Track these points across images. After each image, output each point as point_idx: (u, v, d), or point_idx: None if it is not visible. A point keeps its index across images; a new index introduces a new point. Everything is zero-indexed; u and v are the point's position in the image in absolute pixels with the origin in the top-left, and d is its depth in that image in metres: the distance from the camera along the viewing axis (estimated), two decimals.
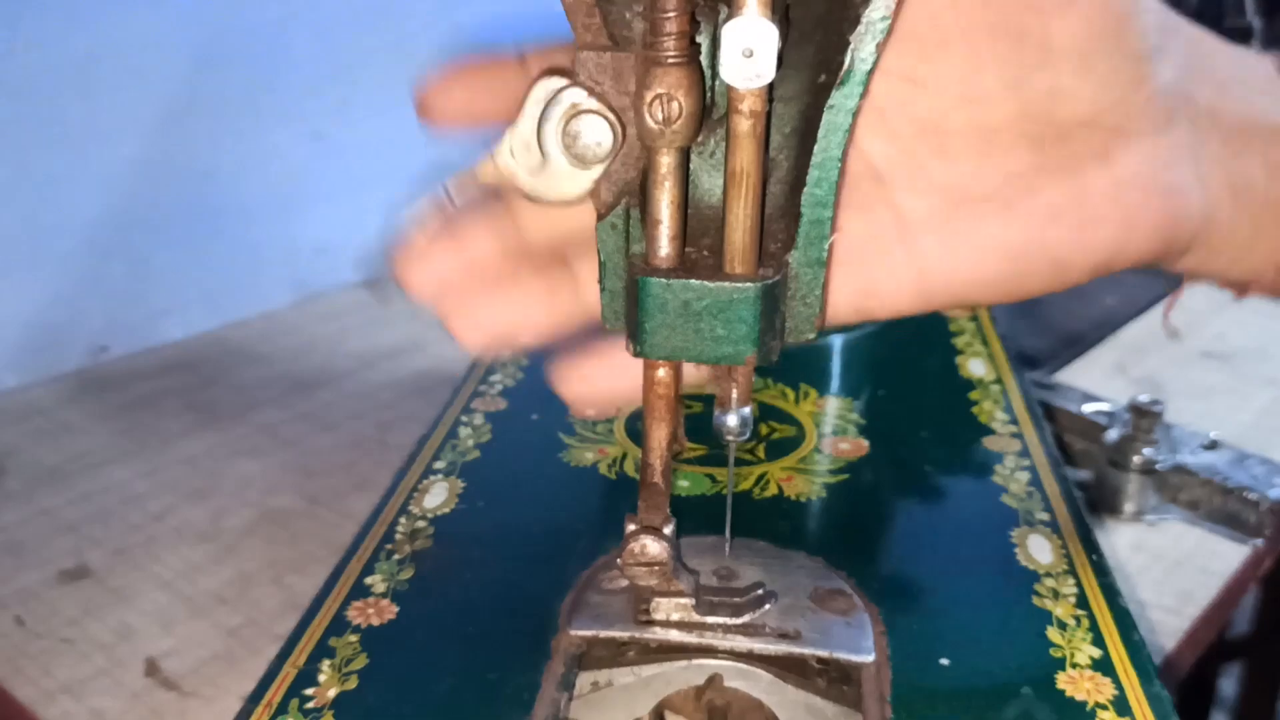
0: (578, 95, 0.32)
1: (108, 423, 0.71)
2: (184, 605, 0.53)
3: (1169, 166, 0.36)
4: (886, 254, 0.36)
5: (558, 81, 0.32)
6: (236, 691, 0.47)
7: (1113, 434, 0.60)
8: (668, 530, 0.35)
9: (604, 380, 0.38)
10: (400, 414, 0.71)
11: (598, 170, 0.32)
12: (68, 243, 0.79)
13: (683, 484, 0.45)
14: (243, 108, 0.86)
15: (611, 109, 0.32)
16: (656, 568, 0.35)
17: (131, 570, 0.56)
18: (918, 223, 0.36)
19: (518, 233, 0.36)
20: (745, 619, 0.36)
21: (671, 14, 0.30)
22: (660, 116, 0.30)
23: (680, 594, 0.36)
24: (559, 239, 0.37)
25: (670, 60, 0.30)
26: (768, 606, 0.37)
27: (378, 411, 0.72)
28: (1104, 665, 0.35)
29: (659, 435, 0.34)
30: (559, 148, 0.32)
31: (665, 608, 0.36)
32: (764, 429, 0.50)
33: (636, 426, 0.50)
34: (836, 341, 0.57)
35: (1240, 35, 0.99)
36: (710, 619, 0.36)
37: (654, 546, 0.35)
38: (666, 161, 0.31)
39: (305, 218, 0.93)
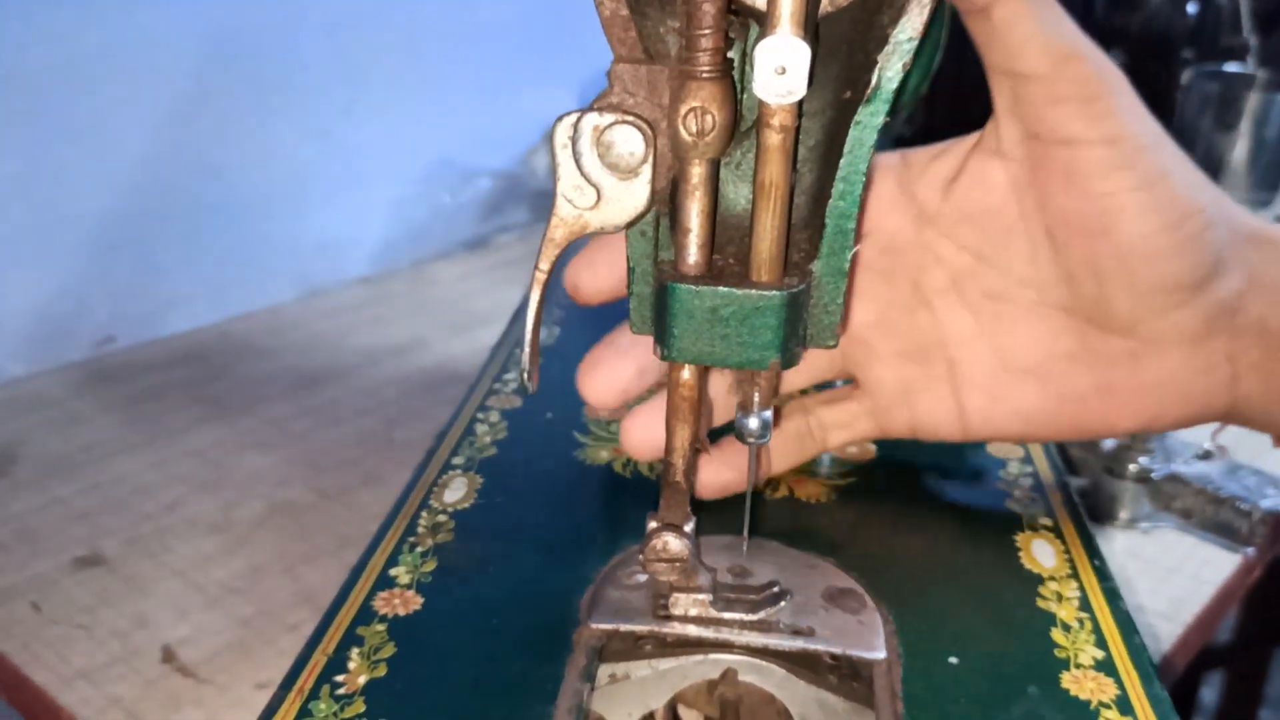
0: (594, 118, 0.32)
1: (116, 414, 0.72)
2: (197, 594, 0.54)
3: (1198, 376, 0.39)
4: (939, 398, 0.42)
5: (570, 118, 0.32)
6: (252, 680, 0.48)
7: (1109, 442, 0.62)
8: (688, 528, 0.36)
9: (626, 380, 0.42)
10: (406, 410, 0.72)
11: (646, 173, 0.33)
12: (76, 235, 0.80)
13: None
14: (251, 105, 0.87)
15: (630, 114, 0.32)
16: (677, 564, 0.36)
17: (144, 559, 0.56)
18: (968, 380, 0.42)
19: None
20: (761, 615, 0.37)
21: (707, 31, 0.31)
22: (694, 129, 0.31)
23: (699, 590, 0.37)
24: None
25: (705, 75, 0.31)
26: (783, 603, 0.38)
27: (384, 407, 0.73)
28: (1107, 666, 0.36)
29: (682, 436, 0.35)
30: (603, 172, 0.33)
31: (684, 603, 0.37)
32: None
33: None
34: None
35: (1236, 53, 1.01)
36: (727, 615, 0.37)
37: (675, 544, 0.36)
38: (698, 172, 0.32)
39: (311, 214, 0.94)
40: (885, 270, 0.42)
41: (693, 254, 0.33)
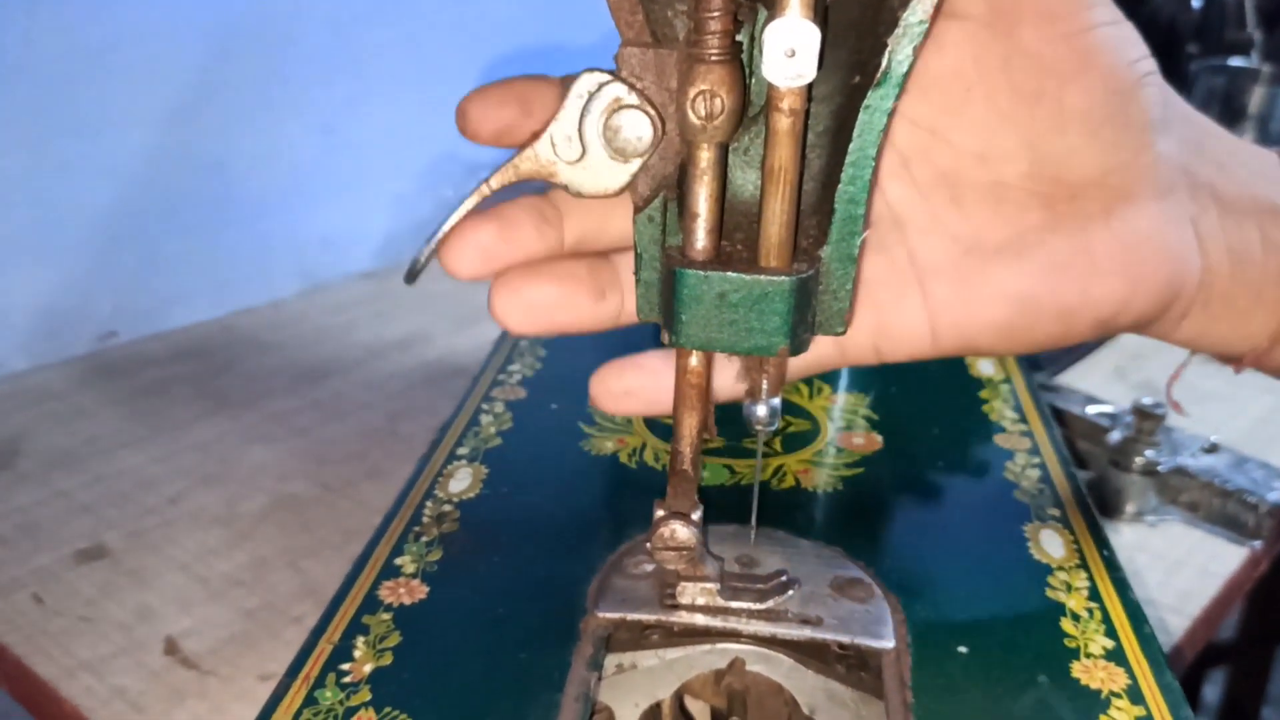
0: (620, 90, 0.32)
1: (119, 407, 0.71)
2: (201, 587, 0.54)
3: (1170, 228, 0.37)
4: (901, 296, 0.38)
5: (600, 76, 0.33)
6: (256, 671, 0.48)
7: (1115, 436, 0.61)
8: (695, 516, 0.36)
9: (644, 389, 0.39)
10: (409, 404, 0.72)
11: (636, 164, 0.33)
12: (79, 229, 0.79)
13: (703, 474, 0.46)
14: (254, 99, 0.87)
15: (652, 105, 0.33)
16: (684, 553, 0.36)
17: (148, 552, 0.56)
18: (931, 267, 0.38)
19: (561, 230, 0.37)
20: (769, 604, 0.37)
21: (716, 13, 0.30)
22: (703, 112, 0.31)
23: (706, 579, 0.37)
24: (605, 245, 0.38)
25: (714, 58, 0.31)
26: (790, 593, 0.38)
27: (387, 401, 0.73)
28: (1117, 656, 0.36)
29: (689, 424, 0.35)
30: (600, 141, 0.33)
31: (691, 592, 0.37)
32: (781, 422, 0.50)
33: (655, 417, 0.51)
34: None
35: (1241, 47, 1.01)
36: (734, 604, 0.37)
37: (683, 532, 0.35)
38: (706, 156, 0.32)
39: (313, 209, 0.94)
40: None
41: (700, 239, 0.32)
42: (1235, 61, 1.00)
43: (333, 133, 0.93)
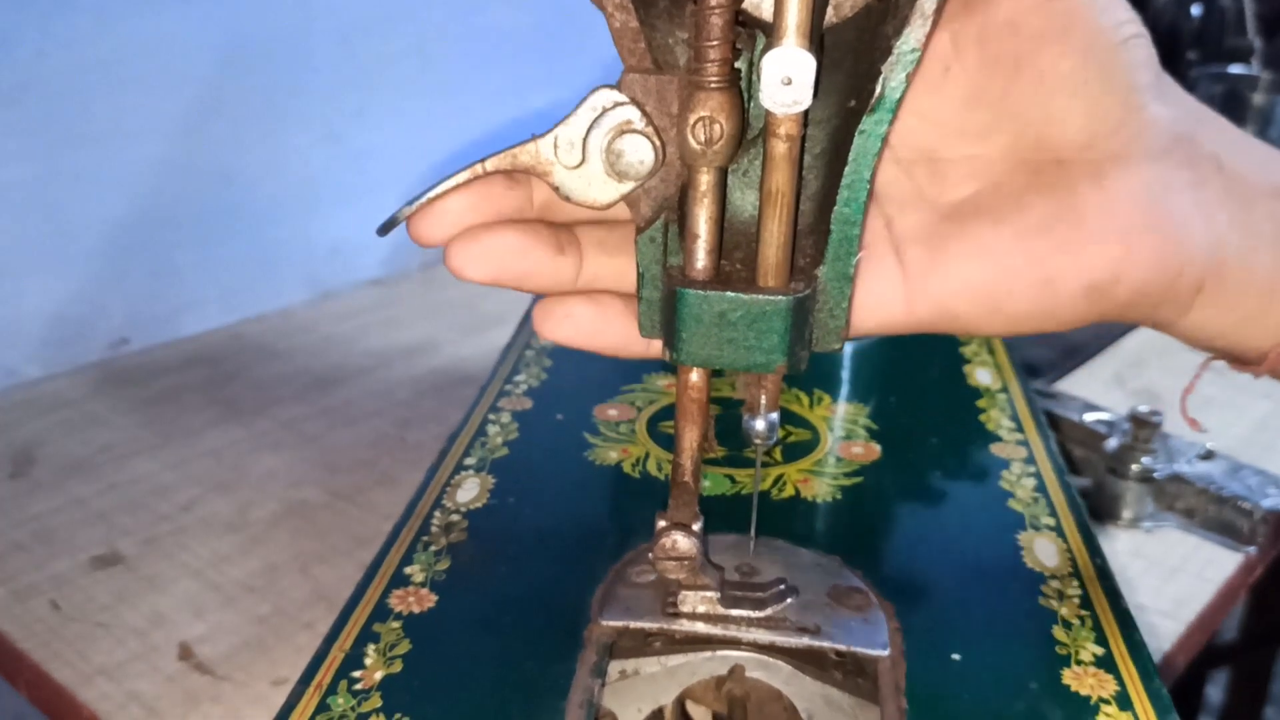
0: (632, 114, 0.33)
1: (132, 415, 0.73)
2: (214, 593, 0.55)
3: (1167, 192, 0.35)
4: (875, 256, 0.37)
5: (616, 96, 0.34)
6: (269, 677, 0.49)
7: (1112, 443, 0.62)
8: (696, 527, 0.37)
9: (588, 324, 0.37)
10: (418, 412, 0.73)
11: (629, 186, 0.34)
12: (91, 239, 0.81)
13: (704, 484, 0.47)
14: (263, 110, 0.88)
15: (659, 134, 0.34)
16: (685, 562, 0.37)
17: (162, 559, 0.57)
18: (906, 233, 0.37)
19: (532, 199, 0.37)
20: (768, 612, 0.38)
21: (715, 42, 0.31)
22: (702, 138, 0.32)
23: (706, 587, 0.38)
24: (570, 219, 0.37)
25: (713, 85, 0.32)
26: (789, 601, 0.39)
27: (396, 409, 0.74)
28: (1106, 663, 0.37)
29: (690, 436, 0.36)
30: (601, 156, 0.34)
31: (691, 600, 0.38)
32: (781, 432, 0.51)
33: (658, 427, 0.52)
34: (848, 349, 0.59)
35: (1241, 54, 1.01)
36: (735, 611, 0.38)
37: (684, 542, 0.36)
38: (706, 179, 0.33)
39: (322, 218, 0.95)
40: None
41: (700, 259, 0.33)
42: (1235, 68, 1.01)
43: (341, 142, 0.94)
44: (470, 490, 0.46)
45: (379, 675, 0.35)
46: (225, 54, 0.84)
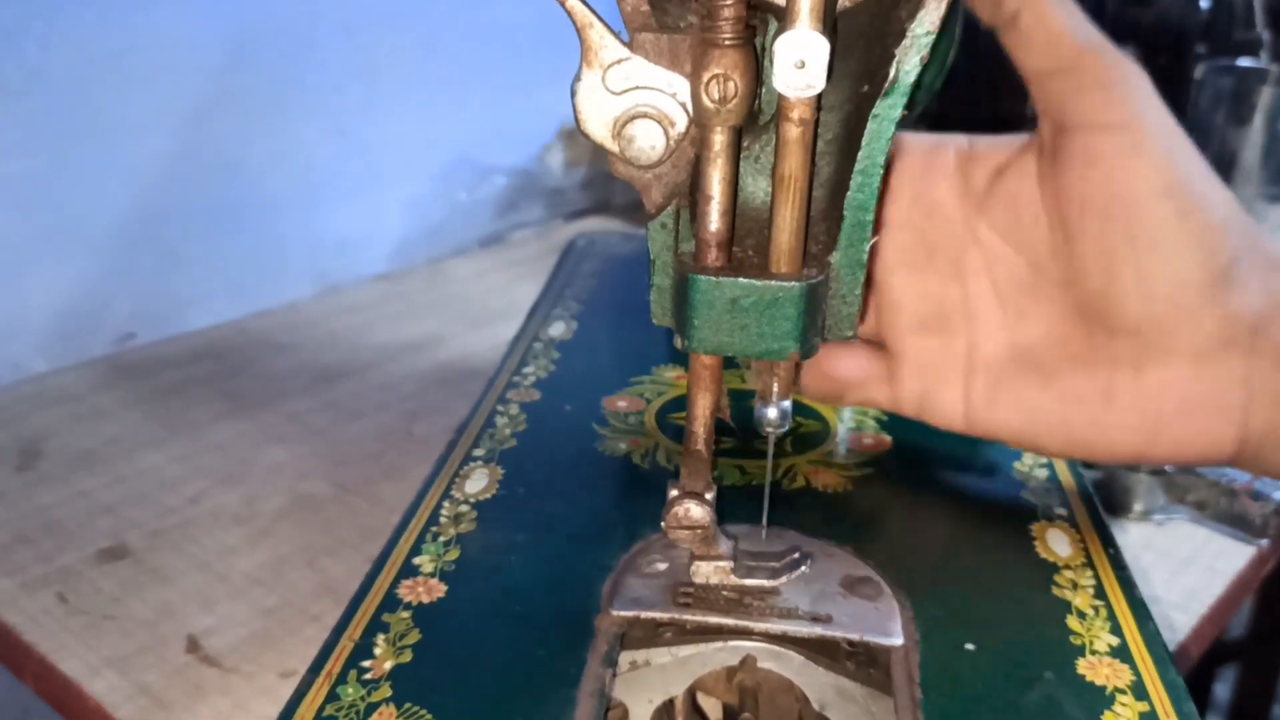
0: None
1: (139, 408, 0.72)
2: (222, 585, 0.54)
3: (1205, 392, 0.38)
4: (946, 383, 0.43)
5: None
6: (277, 669, 0.49)
7: None
8: (709, 496, 0.36)
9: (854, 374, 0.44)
10: (425, 405, 0.73)
11: (649, 159, 0.34)
12: (97, 233, 0.81)
13: (715, 473, 0.47)
14: (270, 104, 0.88)
15: (666, 115, 0.33)
16: (699, 531, 0.36)
17: (169, 551, 0.57)
18: (979, 363, 0.42)
19: None
20: (783, 579, 0.38)
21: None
22: (716, 96, 0.32)
23: (720, 557, 0.38)
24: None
25: (727, 42, 0.31)
26: (804, 569, 0.38)
27: (402, 402, 0.74)
28: (1122, 653, 0.37)
29: (703, 404, 0.36)
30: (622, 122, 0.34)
31: (704, 571, 0.38)
32: (791, 423, 0.51)
33: (667, 418, 0.51)
34: None
35: (1249, 48, 1.01)
36: (749, 580, 0.38)
37: (696, 511, 0.36)
38: (720, 139, 0.32)
39: (329, 212, 0.94)
40: (932, 242, 0.43)
41: (714, 221, 0.33)
42: (1244, 62, 1.00)
43: (347, 136, 0.94)
44: (479, 481, 0.46)
45: (389, 665, 0.35)
46: (231, 47, 0.84)
